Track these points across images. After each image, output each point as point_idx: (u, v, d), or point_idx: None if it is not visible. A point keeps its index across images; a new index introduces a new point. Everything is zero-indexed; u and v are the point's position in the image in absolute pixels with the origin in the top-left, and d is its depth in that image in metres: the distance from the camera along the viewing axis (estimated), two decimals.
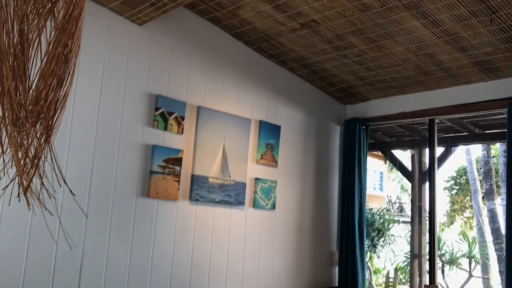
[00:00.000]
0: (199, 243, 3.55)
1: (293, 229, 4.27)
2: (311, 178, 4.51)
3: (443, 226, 16.53)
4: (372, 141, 5.99)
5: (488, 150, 11.42)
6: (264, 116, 4.12)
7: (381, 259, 11.51)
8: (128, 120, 3.23)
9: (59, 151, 2.80)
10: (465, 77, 3.92)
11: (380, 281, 12.12)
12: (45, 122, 1.29)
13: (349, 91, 4.62)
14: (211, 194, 3.61)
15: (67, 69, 1.36)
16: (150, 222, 3.28)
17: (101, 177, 3.05)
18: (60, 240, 2.77)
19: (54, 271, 2.80)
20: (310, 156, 4.54)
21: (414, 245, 5.92)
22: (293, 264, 4.24)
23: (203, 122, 3.62)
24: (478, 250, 11.67)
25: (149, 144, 3.31)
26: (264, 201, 4.02)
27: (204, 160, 3.60)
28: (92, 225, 2.98)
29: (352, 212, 4.47)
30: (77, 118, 2.96)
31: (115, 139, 3.15)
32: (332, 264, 4.63)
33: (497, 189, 11.56)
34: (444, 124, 5.09)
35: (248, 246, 3.88)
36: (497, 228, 10.80)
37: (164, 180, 3.34)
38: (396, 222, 12.07)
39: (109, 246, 3.05)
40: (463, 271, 11.65)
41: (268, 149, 4.09)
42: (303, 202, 4.40)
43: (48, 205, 1.82)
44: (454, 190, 17.06)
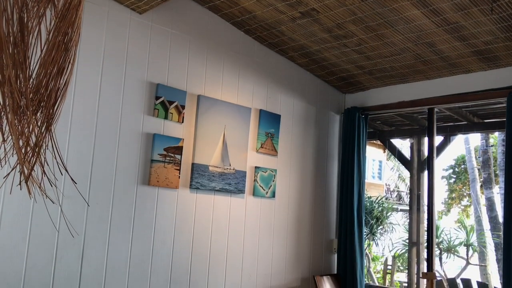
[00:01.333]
0: (199, 230, 3.57)
1: (292, 217, 4.30)
2: (310, 167, 4.52)
3: (441, 214, 16.62)
4: (371, 130, 6.00)
5: (486, 139, 11.45)
6: (264, 105, 4.12)
7: (380, 246, 11.59)
8: (129, 109, 3.23)
9: (60, 140, 2.80)
10: (464, 66, 3.91)
11: (378, 269, 12.22)
12: (46, 111, 1.29)
13: (349, 80, 4.61)
14: (211, 183, 3.63)
15: (67, 57, 1.36)
16: (151, 210, 3.30)
17: (102, 165, 3.06)
18: (62, 227, 2.79)
19: (56, 258, 2.82)
20: (310, 145, 4.55)
21: (412, 233, 5.96)
22: (292, 251, 4.28)
23: (203, 111, 3.63)
24: (475, 238, 11.75)
25: (150, 132, 3.32)
26: (264, 189, 4.04)
27: (204, 148, 3.61)
28: (93, 213, 2.99)
29: (351, 200, 4.50)
30: (77, 106, 2.96)
31: (116, 128, 3.15)
32: (331, 251, 4.66)
33: (495, 178, 11.61)
34: (443, 113, 5.09)
35: (248, 233, 3.91)
36: (495, 216, 10.86)
37: (164, 168, 3.35)
38: (395, 210, 12.14)
39: (110, 234, 3.07)
40: (460, 258, 11.74)
41: (268, 138, 4.10)
42: (302, 191, 4.42)
43: (50, 193, 1.83)
44: (452, 179, 17.12)
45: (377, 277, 11.40)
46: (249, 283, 3.89)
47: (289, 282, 4.22)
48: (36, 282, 2.73)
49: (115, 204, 3.11)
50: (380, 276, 11.38)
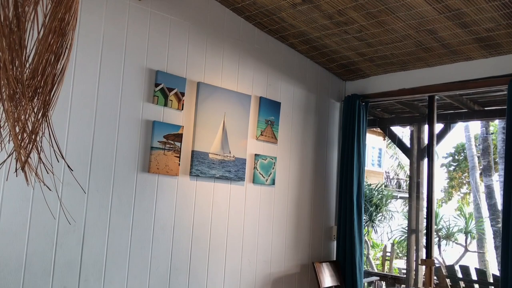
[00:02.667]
0: (199, 217, 3.57)
1: (292, 204, 4.30)
2: (310, 154, 4.52)
3: (440, 202, 16.67)
4: (372, 118, 5.98)
5: (486, 127, 11.44)
6: (264, 93, 4.10)
7: (379, 233, 11.65)
8: (128, 96, 3.21)
9: (59, 127, 2.79)
10: (466, 54, 3.89)
11: (377, 256, 12.29)
12: (43, 97, 1.28)
13: (349, 67, 4.59)
14: (211, 170, 3.62)
15: (64, 42, 1.34)
16: (151, 197, 3.30)
17: (102, 152, 3.05)
18: (62, 214, 2.80)
19: (56, 244, 2.83)
20: (310, 132, 4.54)
21: (412, 220, 5.98)
22: (292, 238, 4.29)
23: (203, 98, 3.61)
24: (474, 225, 11.80)
25: (149, 120, 3.30)
26: (264, 177, 4.03)
27: (204, 136, 3.60)
28: (93, 199, 2.99)
29: (351, 187, 4.50)
30: (76, 93, 2.95)
31: (115, 115, 3.14)
32: (330, 238, 4.68)
33: (495, 166, 11.62)
34: (444, 101, 5.07)
35: (247, 220, 3.92)
36: (494, 204, 10.89)
37: (164, 155, 3.34)
38: (394, 198, 12.17)
39: (110, 220, 3.08)
40: (459, 246, 11.80)
41: (268, 126, 4.09)
42: (302, 178, 4.42)
43: (48, 181, 1.83)
44: (452, 167, 17.14)
45: (376, 264, 11.47)
46: (249, 269, 3.91)
47: (288, 268, 4.24)
48: (37, 268, 2.74)
49: (115, 191, 3.11)
50: (379, 263, 11.45)
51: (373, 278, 5.99)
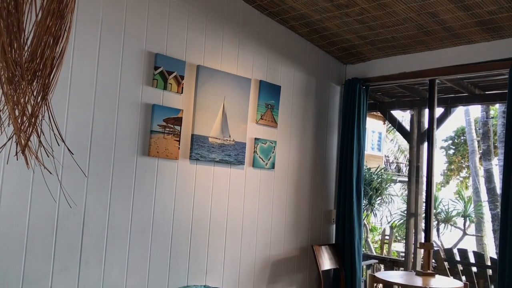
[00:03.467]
0: (199, 201, 3.59)
1: (291, 188, 4.32)
2: (310, 138, 4.52)
3: (440, 185, 16.73)
4: (372, 102, 5.96)
5: (487, 111, 11.41)
6: (264, 76, 4.08)
7: (378, 217, 11.71)
8: (127, 79, 3.19)
9: (59, 110, 2.78)
10: (467, 37, 3.86)
11: (376, 239, 12.38)
12: (42, 80, 1.27)
13: (350, 51, 4.56)
14: (211, 154, 3.63)
15: (63, 25, 1.33)
16: (151, 181, 3.31)
17: (102, 136, 3.05)
18: (62, 197, 2.81)
19: (57, 227, 2.84)
20: (310, 116, 4.53)
21: (411, 204, 6.00)
22: (291, 222, 4.31)
23: (203, 82, 3.59)
24: (473, 209, 11.86)
25: (149, 103, 3.29)
26: (264, 160, 4.04)
27: (204, 120, 3.59)
28: (93, 183, 3.00)
29: (350, 171, 4.51)
30: (75, 77, 2.93)
31: (114, 98, 3.13)
32: (329, 222, 4.70)
33: (494, 150, 11.63)
34: (444, 85, 5.05)
35: (247, 204, 3.94)
36: (493, 188, 10.93)
37: (164, 139, 3.34)
38: (393, 182, 12.21)
39: (110, 204, 3.09)
40: (457, 229, 11.88)
41: (268, 110, 4.08)
42: (302, 162, 4.43)
43: (48, 164, 1.83)
44: (452, 151, 17.16)
45: (374, 247, 11.56)
46: (248, 252, 3.94)
47: (288, 251, 4.27)
48: (38, 251, 2.76)
49: (115, 175, 3.11)
50: (378, 246, 11.54)
51: (371, 261, 6.04)
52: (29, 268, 2.73)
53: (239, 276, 3.87)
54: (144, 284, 3.26)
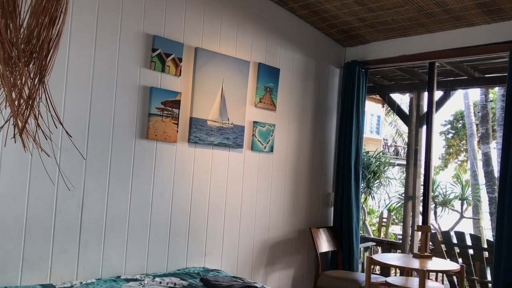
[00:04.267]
0: (198, 184, 3.60)
1: (290, 171, 4.32)
2: (309, 121, 4.51)
3: (438, 169, 16.77)
4: (371, 85, 5.94)
5: (486, 94, 11.39)
6: (263, 59, 4.05)
7: (376, 200, 11.76)
8: (125, 61, 3.17)
9: (56, 93, 2.77)
10: (468, 19, 3.82)
11: (374, 221, 12.46)
12: (39, 62, 1.26)
13: (350, 33, 4.52)
14: (209, 137, 3.62)
15: (59, 6, 1.31)
16: (150, 163, 3.31)
17: (100, 118, 3.04)
18: (61, 180, 2.81)
19: (56, 209, 2.85)
20: (309, 99, 4.51)
21: (409, 187, 6.02)
22: (290, 204, 4.33)
23: (201, 64, 3.57)
24: (470, 192, 11.92)
25: (147, 86, 3.27)
26: (262, 144, 4.04)
27: (202, 103, 3.57)
28: (92, 166, 3.00)
29: (349, 154, 4.52)
30: (73, 59, 2.91)
31: (112, 81, 3.11)
32: (327, 205, 4.73)
33: (493, 133, 11.64)
34: (444, 68, 5.03)
35: (246, 187, 3.94)
36: (491, 171, 10.96)
37: (162, 122, 3.33)
38: (392, 165, 12.23)
39: (109, 187, 3.09)
40: (455, 212, 11.95)
41: (267, 93, 4.06)
42: (300, 145, 4.43)
43: (46, 147, 1.82)
44: (450, 134, 17.17)
45: (372, 229, 11.64)
46: (246, 235, 3.96)
47: (286, 233, 4.30)
48: (37, 233, 2.77)
49: (113, 157, 3.11)
50: (376, 229, 11.62)
51: (369, 243, 6.08)
52: (29, 250, 2.74)
53: (238, 258, 3.90)
54: (143, 266, 3.28)
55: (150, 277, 3.14)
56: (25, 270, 2.72)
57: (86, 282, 2.86)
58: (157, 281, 3.06)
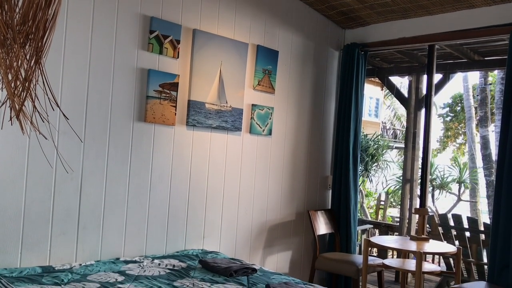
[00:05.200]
0: (196, 167, 3.60)
1: (288, 154, 4.33)
2: (307, 104, 4.49)
3: (436, 152, 16.81)
4: (370, 67, 5.91)
5: (485, 77, 11.35)
6: (262, 41, 4.02)
7: (373, 183, 11.81)
8: (122, 43, 3.14)
9: (53, 75, 2.75)
10: (468, 1, 3.79)
11: (371, 204, 12.53)
12: (35, 43, 1.24)
13: (349, 15, 4.48)
14: (208, 120, 3.61)
15: None
16: (148, 146, 3.30)
17: (97, 101, 3.02)
18: (59, 163, 2.80)
19: (54, 192, 2.85)
20: (307, 82, 4.49)
21: (407, 170, 6.04)
22: (288, 187, 4.34)
23: (199, 46, 3.54)
24: (468, 175, 11.96)
25: (145, 68, 3.25)
26: (261, 127, 4.03)
27: (200, 85, 3.55)
28: (90, 148, 2.99)
29: (347, 137, 4.52)
30: (69, 40, 2.88)
31: (109, 63, 3.08)
32: (325, 187, 4.74)
33: (491, 116, 11.64)
34: (444, 50, 5.00)
35: (244, 170, 3.95)
36: (489, 154, 10.99)
37: (160, 105, 3.32)
38: (390, 148, 12.26)
39: (107, 169, 3.09)
40: (452, 195, 12.01)
41: (266, 75, 4.03)
42: (299, 128, 4.42)
43: (44, 130, 1.81)
44: (449, 117, 17.16)
45: (370, 212, 11.71)
46: (245, 217, 3.98)
47: (284, 216, 4.32)
48: (36, 216, 2.78)
49: (111, 140, 3.10)
50: (373, 211, 11.69)
51: (366, 226, 6.13)
52: (28, 232, 2.75)
53: (236, 240, 3.93)
54: (142, 249, 3.30)
55: (149, 259, 3.16)
56: (25, 252, 2.74)
57: (86, 264, 2.88)
58: (156, 263, 3.08)
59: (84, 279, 2.60)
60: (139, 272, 2.83)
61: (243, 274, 2.95)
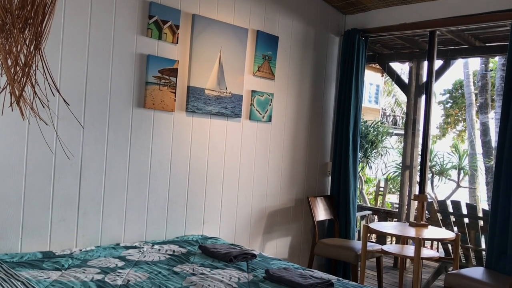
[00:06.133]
0: (196, 153, 3.60)
1: (288, 141, 4.33)
2: (307, 90, 4.48)
3: (435, 138, 16.82)
4: (371, 53, 5.88)
5: (486, 64, 11.32)
6: (262, 26, 3.99)
7: (373, 169, 11.84)
8: (121, 28, 3.12)
9: (52, 60, 2.73)
10: None
11: (370, 190, 12.57)
12: (34, 28, 1.23)
13: (350, 0, 4.44)
14: (207, 106, 3.60)
15: None
16: (147, 132, 3.30)
17: (96, 86, 3.01)
18: (58, 149, 2.80)
19: (54, 178, 2.86)
20: (308, 68, 4.47)
21: (406, 156, 6.05)
22: (287, 174, 4.35)
23: (199, 32, 3.51)
24: (467, 162, 11.99)
25: (144, 53, 3.23)
26: (260, 113, 4.02)
27: (200, 71, 3.54)
28: (90, 134, 2.99)
29: (347, 124, 4.51)
30: (68, 26, 2.86)
31: (108, 48, 3.06)
32: (325, 174, 4.75)
33: (492, 103, 11.62)
34: (445, 36, 4.97)
35: (244, 156, 3.95)
36: (488, 141, 11.00)
37: (160, 91, 3.30)
38: (389, 135, 12.26)
39: (107, 155, 3.09)
40: (451, 181, 12.05)
41: (265, 61, 4.01)
42: (299, 114, 4.41)
43: (43, 115, 1.81)
44: (449, 104, 17.14)
45: (369, 198, 11.76)
46: (245, 203, 3.99)
47: (283, 202, 4.34)
48: (36, 201, 2.78)
49: (111, 126, 3.10)
50: (372, 198, 11.74)
51: (366, 212, 6.16)
52: (28, 218, 2.76)
53: (236, 226, 3.94)
54: (142, 234, 3.32)
55: (149, 244, 3.18)
56: (25, 238, 2.75)
57: (86, 250, 2.89)
58: (156, 248, 3.10)
59: (85, 265, 2.62)
60: (139, 258, 2.85)
61: (242, 259, 2.97)
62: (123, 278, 2.42)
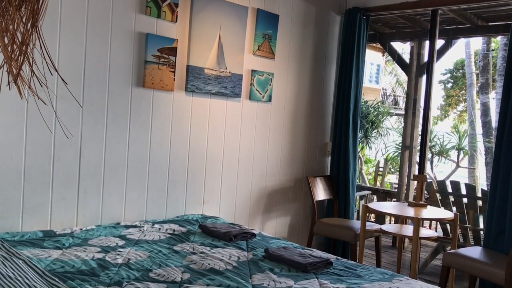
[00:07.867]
0: (196, 133, 3.59)
1: (288, 121, 4.32)
2: (308, 70, 4.45)
3: (436, 119, 16.79)
4: (372, 33, 5.83)
5: (488, 43, 11.23)
6: (262, 4, 3.94)
7: (373, 150, 11.84)
8: (120, 6, 3.07)
9: (50, 39, 2.71)
10: None
11: (370, 171, 12.61)
12: (30, 6, 1.21)
13: None
14: (207, 86, 3.58)
15: None
16: (147, 112, 3.28)
17: (95, 65, 2.99)
18: (58, 128, 2.80)
19: (54, 157, 2.85)
20: (308, 47, 4.43)
21: (406, 137, 6.05)
22: (287, 154, 4.35)
23: (198, 10, 3.47)
24: (467, 142, 11.99)
25: (143, 32, 3.20)
26: (260, 93, 4.00)
27: (199, 50, 3.51)
28: (89, 114, 2.98)
29: (347, 104, 4.49)
30: (65, 4, 2.81)
31: (107, 26, 3.03)
32: (325, 154, 4.75)
33: (493, 83, 11.57)
34: (447, 16, 4.92)
35: (244, 136, 3.95)
36: (489, 121, 10.99)
37: (159, 70, 3.28)
38: (390, 115, 12.24)
39: (106, 135, 3.08)
40: (451, 162, 12.07)
41: (266, 40, 3.98)
42: (299, 94, 4.39)
43: (42, 95, 1.80)
44: (450, 84, 17.06)
45: (368, 178, 11.79)
46: (244, 183, 4.01)
47: (283, 182, 4.35)
48: (36, 180, 2.79)
49: (110, 106, 3.09)
50: (372, 178, 11.77)
51: (365, 192, 6.18)
52: (28, 198, 2.77)
53: (235, 206, 3.96)
54: (142, 213, 3.33)
55: (149, 223, 3.20)
56: (26, 217, 2.77)
57: (86, 229, 2.91)
58: (156, 227, 3.11)
59: (85, 243, 2.64)
60: (139, 237, 2.87)
61: (242, 238, 2.99)
62: (124, 256, 2.44)
